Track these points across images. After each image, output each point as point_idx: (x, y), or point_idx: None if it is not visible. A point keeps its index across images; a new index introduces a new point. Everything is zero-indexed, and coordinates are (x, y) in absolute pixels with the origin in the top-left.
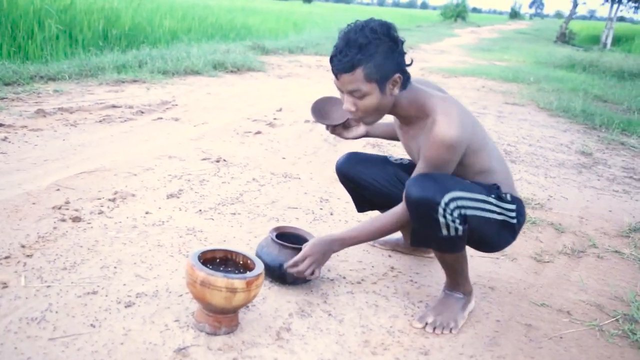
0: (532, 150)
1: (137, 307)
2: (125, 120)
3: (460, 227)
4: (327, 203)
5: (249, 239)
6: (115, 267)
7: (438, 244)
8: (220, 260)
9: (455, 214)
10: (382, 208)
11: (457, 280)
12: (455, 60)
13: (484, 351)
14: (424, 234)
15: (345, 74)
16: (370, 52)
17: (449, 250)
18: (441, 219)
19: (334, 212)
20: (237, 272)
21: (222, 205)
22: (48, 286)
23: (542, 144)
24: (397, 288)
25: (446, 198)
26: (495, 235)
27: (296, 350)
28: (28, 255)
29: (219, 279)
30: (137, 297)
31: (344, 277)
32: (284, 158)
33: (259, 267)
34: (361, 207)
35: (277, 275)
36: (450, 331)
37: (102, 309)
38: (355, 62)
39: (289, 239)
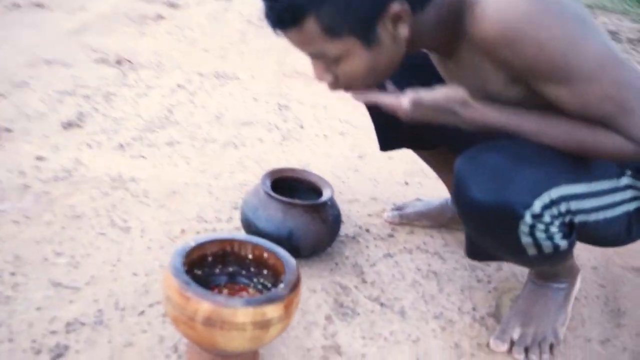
0: None
1: (73, 354)
2: None
3: (561, 243)
4: (289, 111)
5: (209, 184)
6: (12, 274)
7: (522, 263)
8: (214, 259)
9: (556, 224)
10: (423, 147)
11: (554, 271)
12: None
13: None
14: (495, 250)
15: (287, 30)
16: None
17: (541, 267)
18: (525, 239)
19: (304, 124)
20: (245, 274)
21: (150, 131)
22: None
23: None
24: (445, 236)
25: (541, 202)
26: (624, 232)
27: None
28: None
29: (240, 310)
30: (68, 333)
31: (368, 230)
32: (206, 51)
33: (290, 266)
34: (388, 141)
35: (288, 248)
36: (551, 350)
37: None
38: (297, 9)
39: (288, 187)
